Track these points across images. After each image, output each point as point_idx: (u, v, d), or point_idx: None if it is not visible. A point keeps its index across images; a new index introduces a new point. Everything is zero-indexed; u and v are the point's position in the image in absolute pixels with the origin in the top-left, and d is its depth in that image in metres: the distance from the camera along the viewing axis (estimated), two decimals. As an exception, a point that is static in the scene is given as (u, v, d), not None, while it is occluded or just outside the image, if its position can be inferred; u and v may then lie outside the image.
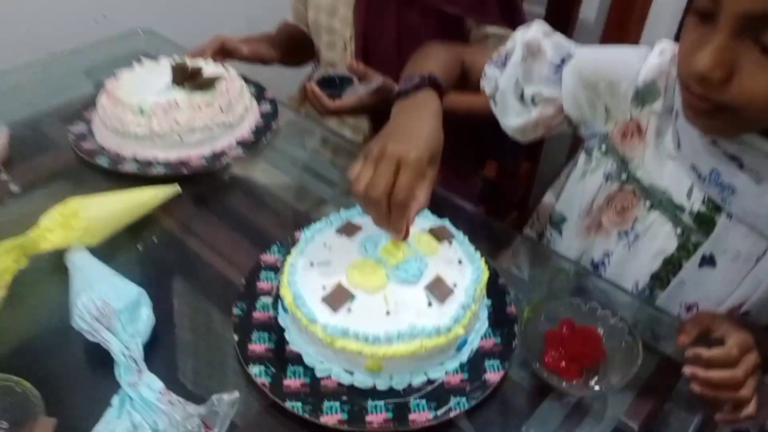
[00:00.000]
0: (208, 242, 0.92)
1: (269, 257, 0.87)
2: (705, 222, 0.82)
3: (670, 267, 0.87)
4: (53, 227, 0.83)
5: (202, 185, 1.03)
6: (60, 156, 1.07)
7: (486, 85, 1.03)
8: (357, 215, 0.84)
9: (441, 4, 1.17)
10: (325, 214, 0.87)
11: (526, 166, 1.81)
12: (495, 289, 0.83)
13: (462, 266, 0.78)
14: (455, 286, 0.75)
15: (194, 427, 0.61)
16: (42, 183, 1.01)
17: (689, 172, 0.82)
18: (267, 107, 1.20)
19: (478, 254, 0.81)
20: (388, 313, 0.71)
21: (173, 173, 1.01)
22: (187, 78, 1.05)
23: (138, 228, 0.91)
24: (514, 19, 1.21)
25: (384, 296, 0.73)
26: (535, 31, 0.96)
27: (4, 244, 0.79)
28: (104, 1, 1.58)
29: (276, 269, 0.85)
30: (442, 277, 0.75)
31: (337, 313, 0.72)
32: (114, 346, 0.70)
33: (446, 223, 0.85)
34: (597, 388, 0.73)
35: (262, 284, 0.83)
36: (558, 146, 1.83)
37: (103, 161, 1.03)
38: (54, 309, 0.78)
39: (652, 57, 0.86)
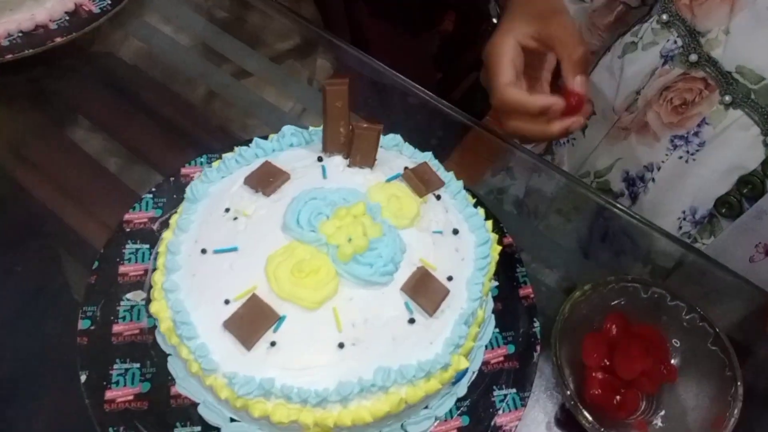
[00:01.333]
0: (53, 176, 0.57)
1: (137, 216, 0.53)
2: None
3: (748, 189, 0.63)
4: None
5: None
6: None
7: None
8: (287, 147, 0.51)
9: None
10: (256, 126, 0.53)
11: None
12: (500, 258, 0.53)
13: (460, 240, 0.48)
14: (451, 280, 0.45)
15: None
16: None
17: None
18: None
19: (481, 215, 0.50)
20: (341, 345, 0.41)
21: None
22: None
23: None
24: None
25: (334, 314, 0.42)
26: None
27: None
28: None
29: (150, 239, 0.52)
30: (430, 269, 0.45)
31: (252, 352, 0.41)
32: None
33: (428, 157, 0.52)
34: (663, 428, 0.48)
35: (128, 268, 0.50)
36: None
37: None
38: None
39: None
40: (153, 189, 0.54)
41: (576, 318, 0.49)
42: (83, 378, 0.45)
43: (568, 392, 0.45)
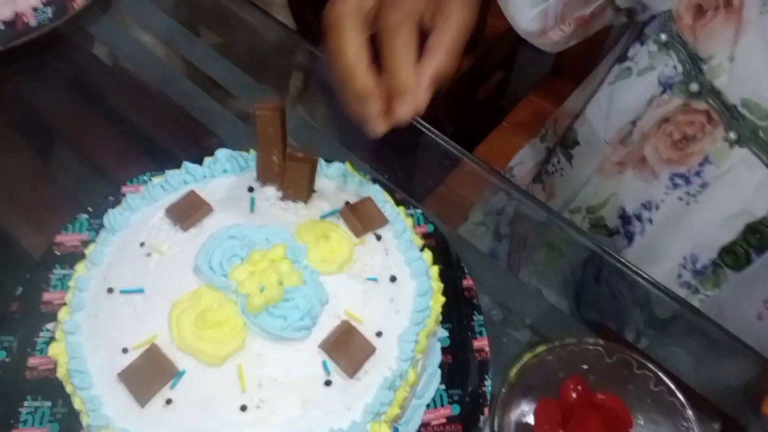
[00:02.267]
0: None
1: (71, 238, 0.50)
2: None
3: (756, 238, 0.56)
4: None
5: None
6: None
7: None
8: (220, 173, 0.47)
9: None
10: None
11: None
12: (454, 295, 0.48)
13: (397, 288, 0.43)
14: (380, 336, 0.41)
15: None
16: None
17: None
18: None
19: (425, 260, 0.45)
20: (243, 408, 0.37)
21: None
22: None
23: None
24: None
25: (238, 370, 0.38)
26: None
27: None
28: None
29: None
30: (355, 323, 0.40)
31: (146, 409, 0.37)
32: None
33: (373, 189, 0.47)
34: None
35: (52, 295, 0.48)
36: None
37: None
38: None
39: None
40: (89, 209, 0.51)
41: (527, 382, 0.43)
42: (-14, 419, 0.42)
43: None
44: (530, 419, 0.44)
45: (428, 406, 0.45)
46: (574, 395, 0.44)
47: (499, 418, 0.42)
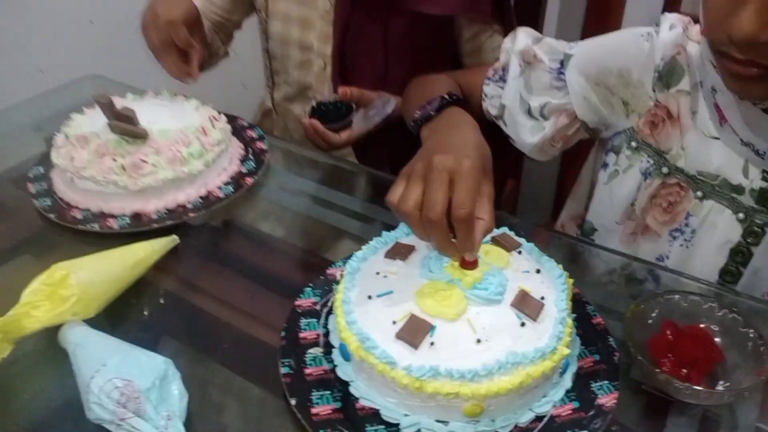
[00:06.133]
0: (222, 297, 0.77)
1: (304, 302, 0.73)
2: None
3: (739, 257, 0.79)
4: (39, 302, 0.67)
5: (200, 235, 0.88)
6: (21, 221, 0.90)
7: (490, 107, 0.95)
8: (403, 234, 0.72)
9: (434, 8, 1.08)
10: (350, 247, 0.74)
11: (511, 183, 1.73)
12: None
13: (542, 276, 0.67)
14: (543, 299, 0.64)
15: None
16: (6, 254, 0.84)
17: (741, 148, 0.74)
18: (247, 138, 1.07)
19: (552, 261, 0.70)
20: (478, 341, 0.59)
21: (163, 225, 0.86)
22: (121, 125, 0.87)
23: (136, 291, 0.76)
24: (504, 19, 1.14)
25: (468, 322, 0.61)
26: (524, 39, 0.89)
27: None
28: (49, 50, 1.43)
29: (316, 315, 0.71)
30: (527, 291, 0.64)
31: (419, 350, 0.59)
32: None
33: (505, 229, 0.74)
34: (726, 391, 0.62)
35: (306, 334, 0.69)
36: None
37: (83, 222, 0.86)
38: (55, 404, 0.62)
39: (664, 33, 0.79)
40: (310, 284, 0.75)
41: (638, 325, 0.66)
42: (293, 402, 0.61)
43: (657, 372, 0.61)
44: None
45: (578, 356, 0.66)
46: (669, 333, 0.66)
47: (627, 354, 0.64)
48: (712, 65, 0.70)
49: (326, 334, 0.68)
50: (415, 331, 0.60)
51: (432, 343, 0.59)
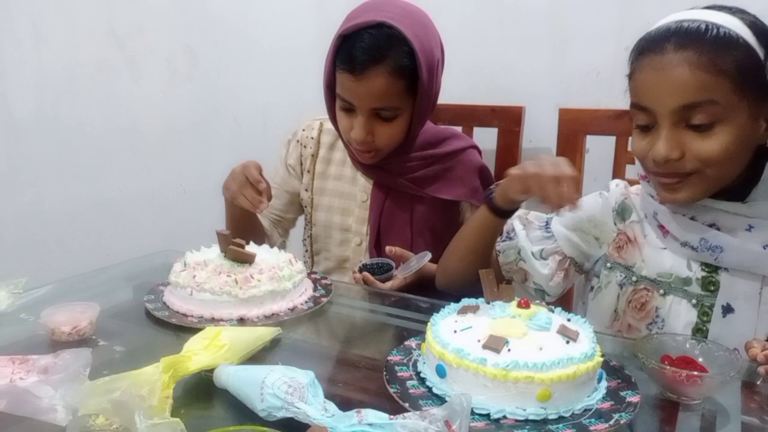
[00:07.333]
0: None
1: (394, 358, 0.95)
2: (710, 283, 1.05)
3: (701, 333, 1.06)
4: (198, 350, 0.88)
5: (289, 334, 1.10)
6: (145, 328, 1.11)
7: (504, 260, 1.28)
8: (464, 301, 0.98)
9: (446, 195, 1.47)
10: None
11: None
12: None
13: (573, 322, 0.93)
14: (577, 333, 0.90)
15: (440, 427, 0.66)
16: (141, 349, 1.03)
17: (682, 249, 1.07)
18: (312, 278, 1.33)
19: (578, 316, 0.97)
20: (540, 348, 0.83)
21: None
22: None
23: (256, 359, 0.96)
24: None
25: (531, 338, 0.85)
26: (516, 212, 1.24)
27: (164, 359, 0.82)
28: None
29: (404, 365, 0.93)
30: (566, 325, 0.90)
31: (501, 354, 0.82)
32: (312, 412, 0.74)
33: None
34: (718, 374, 0.87)
35: (401, 374, 0.91)
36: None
37: (198, 324, 1.08)
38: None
39: (613, 188, 1.21)
40: (395, 349, 0.98)
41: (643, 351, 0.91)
42: (407, 405, 0.82)
43: (664, 364, 0.85)
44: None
45: (606, 380, 0.89)
46: (667, 361, 0.91)
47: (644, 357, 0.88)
48: (650, 197, 1.07)
49: (416, 375, 0.90)
50: (496, 342, 0.84)
51: (509, 350, 0.83)
